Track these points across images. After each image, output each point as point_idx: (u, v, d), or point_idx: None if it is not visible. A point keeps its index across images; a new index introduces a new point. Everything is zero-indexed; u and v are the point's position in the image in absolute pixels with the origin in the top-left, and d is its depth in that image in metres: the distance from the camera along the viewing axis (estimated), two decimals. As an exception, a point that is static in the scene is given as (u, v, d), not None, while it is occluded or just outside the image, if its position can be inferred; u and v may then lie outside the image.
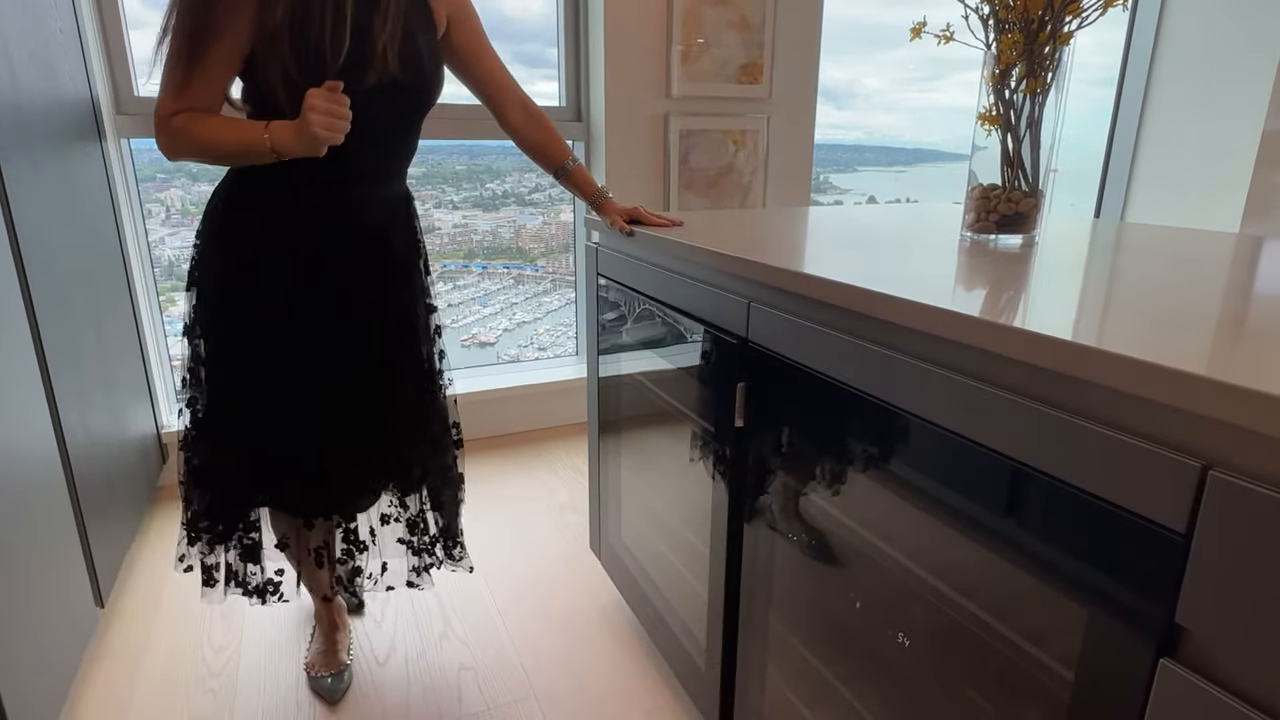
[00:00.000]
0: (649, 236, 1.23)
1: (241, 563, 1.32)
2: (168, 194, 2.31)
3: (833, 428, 0.85)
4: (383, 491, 1.37)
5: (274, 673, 1.45)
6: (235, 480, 1.25)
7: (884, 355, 0.75)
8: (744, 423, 1.01)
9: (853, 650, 0.90)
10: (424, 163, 2.48)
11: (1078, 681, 0.58)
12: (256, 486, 1.26)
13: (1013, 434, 0.61)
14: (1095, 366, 0.53)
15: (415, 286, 1.31)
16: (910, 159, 4.06)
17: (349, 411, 1.24)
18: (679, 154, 2.46)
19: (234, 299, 1.17)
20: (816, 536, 0.94)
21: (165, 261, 2.33)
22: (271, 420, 1.21)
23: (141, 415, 1.95)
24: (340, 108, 1.03)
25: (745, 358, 0.99)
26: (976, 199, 1.10)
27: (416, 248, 1.32)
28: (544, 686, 1.41)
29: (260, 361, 1.19)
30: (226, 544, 1.29)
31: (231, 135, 1.06)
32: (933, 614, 0.76)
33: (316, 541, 1.34)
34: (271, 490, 1.27)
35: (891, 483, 0.78)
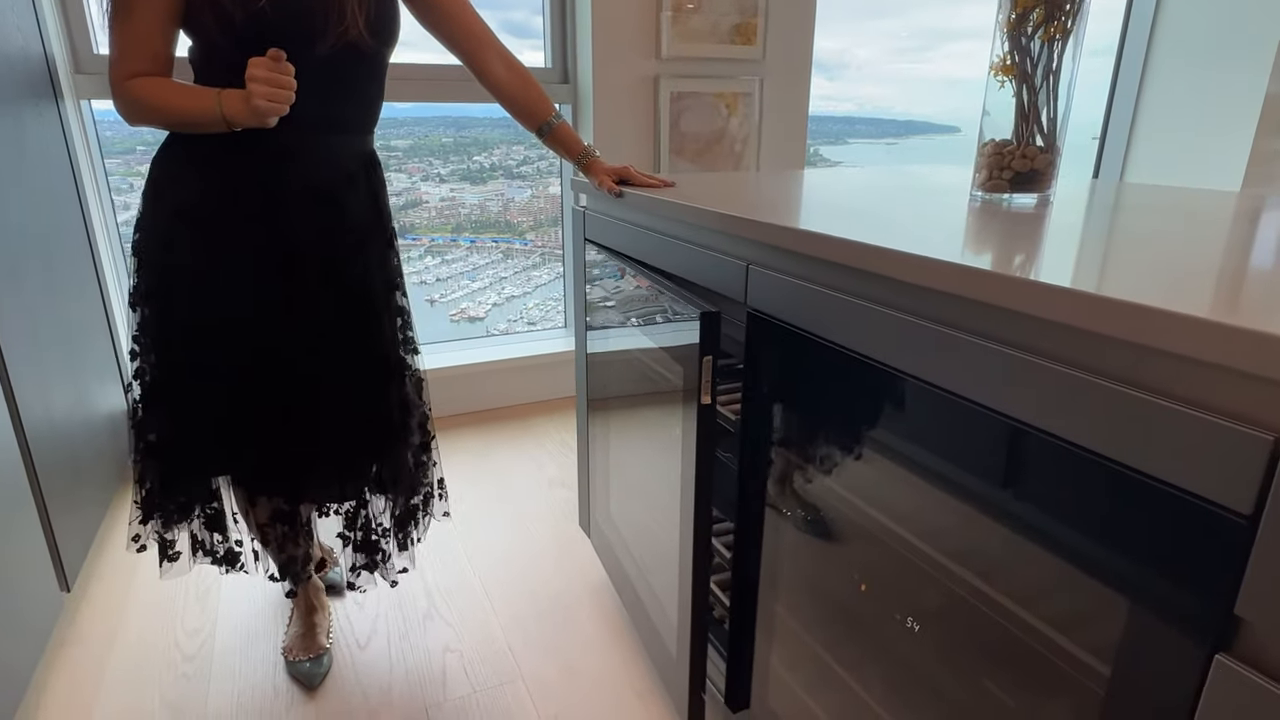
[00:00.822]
0: (640, 198, 1.15)
1: (206, 531, 1.26)
2: (147, 167, 2.19)
3: (840, 397, 0.79)
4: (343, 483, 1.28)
5: (250, 657, 1.39)
6: (187, 451, 1.18)
7: (903, 321, 0.68)
8: (710, 399, 0.94)
9: (855, 636, 0.85)
10: (410, 135, 2.40)
11: (1115, 676, 0.53)
12: (208, 456, 1.20)
13: (1053, 406, 0.55)
14: (1159, 330, 0.47)
15: (371, 260, 1.21)
16: (901, 131, 4.01)
17: (286, 384, 1.16)
18: (670, 118, 2.38)
19: (171, 255, 1.10)
20: (813, 512, 0.88)
21: None
22: (212, 387, 1.14)
23: (110, 393, 1.87)
24: (284, 78, 1.00)
25: (712, 329, 0.92)
26: (989, 156, 1.03)
27: (378, 217, 1.23)
28: (532, 669, 1.37)
29: (198, 322, 1.12)
30: (189, 518, 1.23)
31: (186, 103, 1.03)
32: (947, 599, 0.71)
33: (262, 518, 1.27)
34: (220, 461, 1.21)
35: (907, 458, 0.72)
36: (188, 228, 1.09)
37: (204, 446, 1.18)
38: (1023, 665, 0.62)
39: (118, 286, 2.04)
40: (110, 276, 1.98)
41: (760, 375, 0.92)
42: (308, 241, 1.14)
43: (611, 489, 1.47)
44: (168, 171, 1.10)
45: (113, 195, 2.04)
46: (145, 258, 1.12)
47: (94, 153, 1.96)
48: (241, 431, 1.17)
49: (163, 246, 1.10)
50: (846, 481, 0.82)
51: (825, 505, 0.86)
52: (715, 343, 0.93)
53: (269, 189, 1.10)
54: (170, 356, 1.14)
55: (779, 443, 0.91)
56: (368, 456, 1.27)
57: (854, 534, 0.82)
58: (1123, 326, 0.49)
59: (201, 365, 1.13)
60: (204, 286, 1.11)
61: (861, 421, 0.77)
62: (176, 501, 1.22)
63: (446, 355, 2.48)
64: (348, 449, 1.24)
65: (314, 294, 1.15)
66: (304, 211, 1.13)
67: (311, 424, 1.19)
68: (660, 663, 1.37)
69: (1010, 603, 0.63)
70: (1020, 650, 0.62)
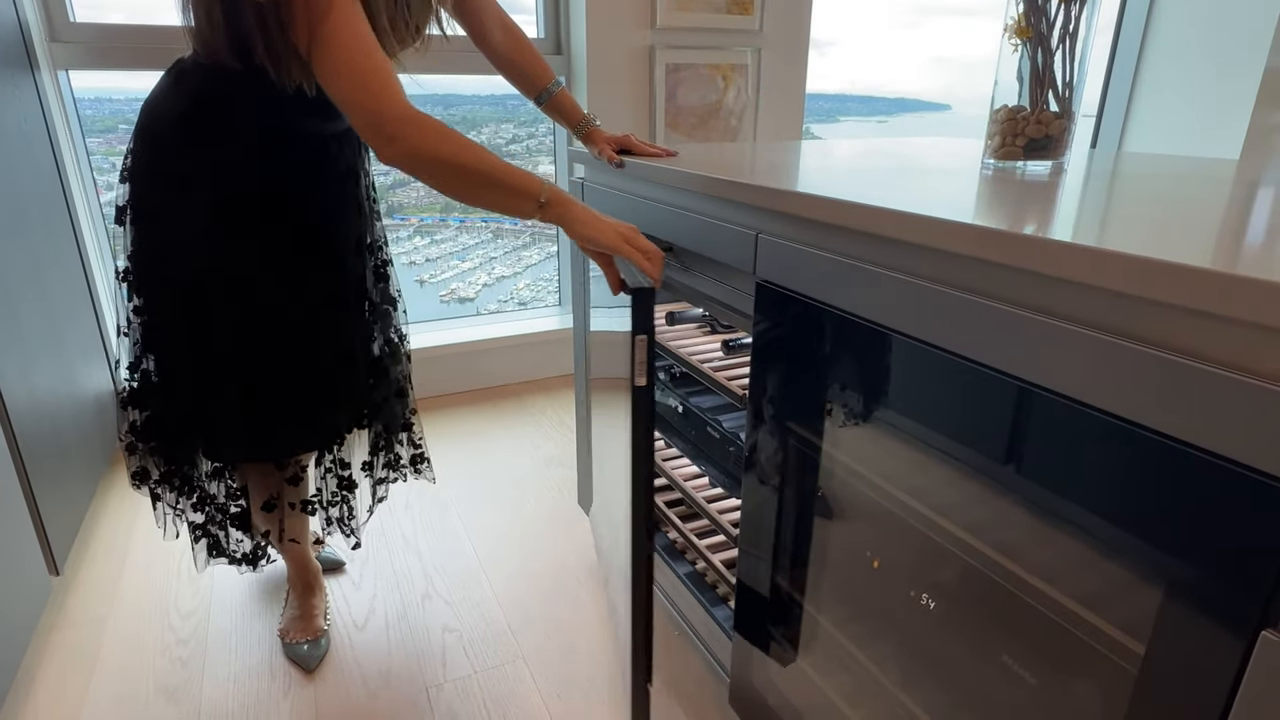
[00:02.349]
0: (643, 167, 1.12)
1: (227, 529, 1.27)
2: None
3: (855, 368, 0.77)
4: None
5: (246, 639, 1.37)
6: (177, 423, 1.16)
7: (925, 289, 0.66)
8: (645, 381, 0.88)
9: (868, 614, 0.83)
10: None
11: (1150, 655, 0.51)
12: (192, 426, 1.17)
13: (1089, 374, 0.52)
14: (1236, 297, 0.44)
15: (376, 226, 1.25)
16: (892, 109, 4.00)
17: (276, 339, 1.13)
18: (665, 90, 2.33)
19: (220, 244, 1.04)
20: (827, 487, 0.86)
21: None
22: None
23: (96, 371, 1.83)
24: (655, 259, 0.91)
25: (645, 306, 0.84)
26: (1002, 122, 1.00)
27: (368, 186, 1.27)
28: (533, 648, 1.35)
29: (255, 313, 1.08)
30: (191, 496, 1.22)
31: (505, 169, 0.88)
32: (968, 576, 0.69)
33: (261, 489, 1.25)
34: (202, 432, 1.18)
35: (928, 431, 0.70)
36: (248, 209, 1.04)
37: (190, 417, 1.15)
38: (1052, 644, 0.61)
39: (101, 264, 1.98)
40: (93, 254, 1.93)
41: (770, 348, 0.89)
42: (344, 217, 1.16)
43: (609, 466, 1.45)
44: (211, 158, 1.02)
45: (94, 173, 1.98)
46: (161, 236, 1.05)
47: (73, 126, 1.90)
48: (227, 401, 1.13)
49: (205, 224, 1.03)
50: (862, 456, 0.80)
51: (839, 481, 0.84)
52: (648, 321, 0.85)
53: (327, 171, 1.11)
54: (196, 346, 1.09)
55: (790, 417, 0.89)
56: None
57: (870, 509, 0.80)
58: (1197, 296, 0.46)
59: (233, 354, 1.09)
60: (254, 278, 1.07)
61: (879, 393, 0.75)
62: (173, 481, 1.20)
63: (439, 334, 2.44)
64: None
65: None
66: (340, 188, 1.15)
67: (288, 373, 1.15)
68: (666, 642, 1.36)
69: (1038, 580, 0.61)
70: (1050, 628, 0.60)
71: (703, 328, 1.33)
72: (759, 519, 0.99)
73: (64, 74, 1.87)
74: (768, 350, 0.90)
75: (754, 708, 1.07)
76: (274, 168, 1.04)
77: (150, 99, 1.05)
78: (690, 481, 1.25)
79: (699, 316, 1.35)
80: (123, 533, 1.67)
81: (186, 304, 1.06)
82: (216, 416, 1.13)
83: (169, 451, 1.17)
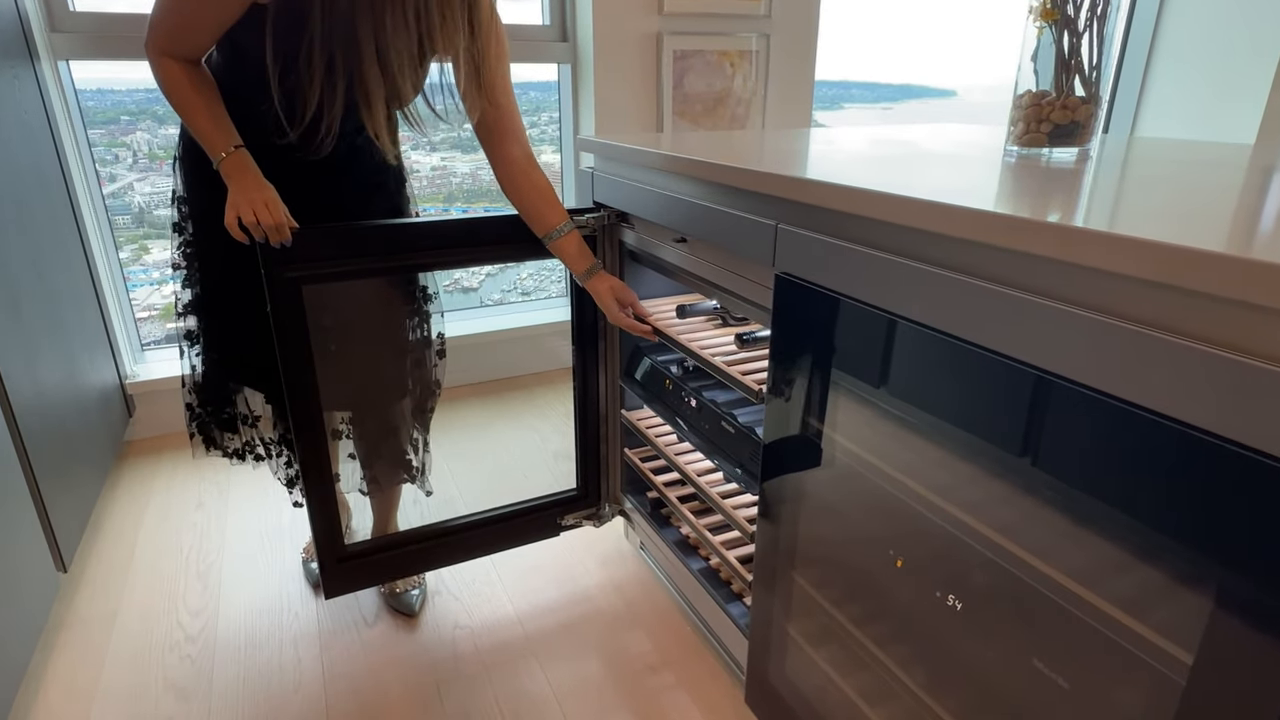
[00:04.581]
0: (659, 155, 1.09)
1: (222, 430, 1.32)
2: (134, 137, 2.11)
3: (880, 365, 0.75)
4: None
5: (255, 636, 1.36)
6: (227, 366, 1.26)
7: (958, 283, 0.63)
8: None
9: (889, 615, 0.81)
10: (399, 101, 2.32)
11: (1199, 663, 0.49)
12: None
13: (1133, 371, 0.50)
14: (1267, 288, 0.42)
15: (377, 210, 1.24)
16: (897, 95, 3.96)
17: None
18: (672, 78, 2.29)
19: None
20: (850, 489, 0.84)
21: (136, 208, 2.15)
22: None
23: (101, 365, 1.81)
24: (279, 227, 1.03)
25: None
26: (1026, 108, 0.97)
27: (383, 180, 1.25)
28: (543, 644, 1.34)
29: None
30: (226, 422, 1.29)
31: (202, 125, 1.04)
32: (999, 578, 0.67)
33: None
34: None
35: (957, 430, 0.68)
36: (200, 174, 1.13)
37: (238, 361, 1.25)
38: (1091, 651, 0.59)
39: (104, 255, 1.96)
40: (96, 245, 1.91)
41: (789, 343, 0.87)
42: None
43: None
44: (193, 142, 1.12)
45: (96, 166, 1.95)
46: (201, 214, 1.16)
47: (74, 116, 1.87)
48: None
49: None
50: (885, 451, 0.77)
51: (862, 477, 0.82)
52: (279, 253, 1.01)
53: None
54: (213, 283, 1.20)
55: (810, 414, 0.87)
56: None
57: (892, 506, 0.78)
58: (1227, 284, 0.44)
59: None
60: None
61: (906, 390, 0.72)
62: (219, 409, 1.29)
63: (446, 325, 2.42)
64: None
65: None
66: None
67: None
68: (678, 638, 1.34)
69: (1076, 583, 0.59)
70: (1087, 635, 0.58)
71: (713, 320, 1.31)
72: (777, 516, 0.97)
73: (64, 64, 1.84)
74: (787, 344, 0.87)
75: (772, 707, 1.06)
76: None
77: None
78: (704, 477, 1.24)
79: (710, 309, 1.32)
80: (130, 528, 1.66)
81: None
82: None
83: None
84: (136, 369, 2.06)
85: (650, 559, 1.53)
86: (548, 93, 2.50)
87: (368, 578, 1.35)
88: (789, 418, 0.90)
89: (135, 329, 2.10)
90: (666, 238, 1.15)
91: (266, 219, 1.02)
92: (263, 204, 1.02)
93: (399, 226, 1.17)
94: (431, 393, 1.39)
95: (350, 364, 1.28)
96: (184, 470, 1.90)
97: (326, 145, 1.05)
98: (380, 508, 1.46)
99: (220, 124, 1.04)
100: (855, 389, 0.79)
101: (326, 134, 1.03)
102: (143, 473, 1.89)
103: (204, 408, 1.28)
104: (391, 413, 1.34)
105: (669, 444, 1.35)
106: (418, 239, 1.18)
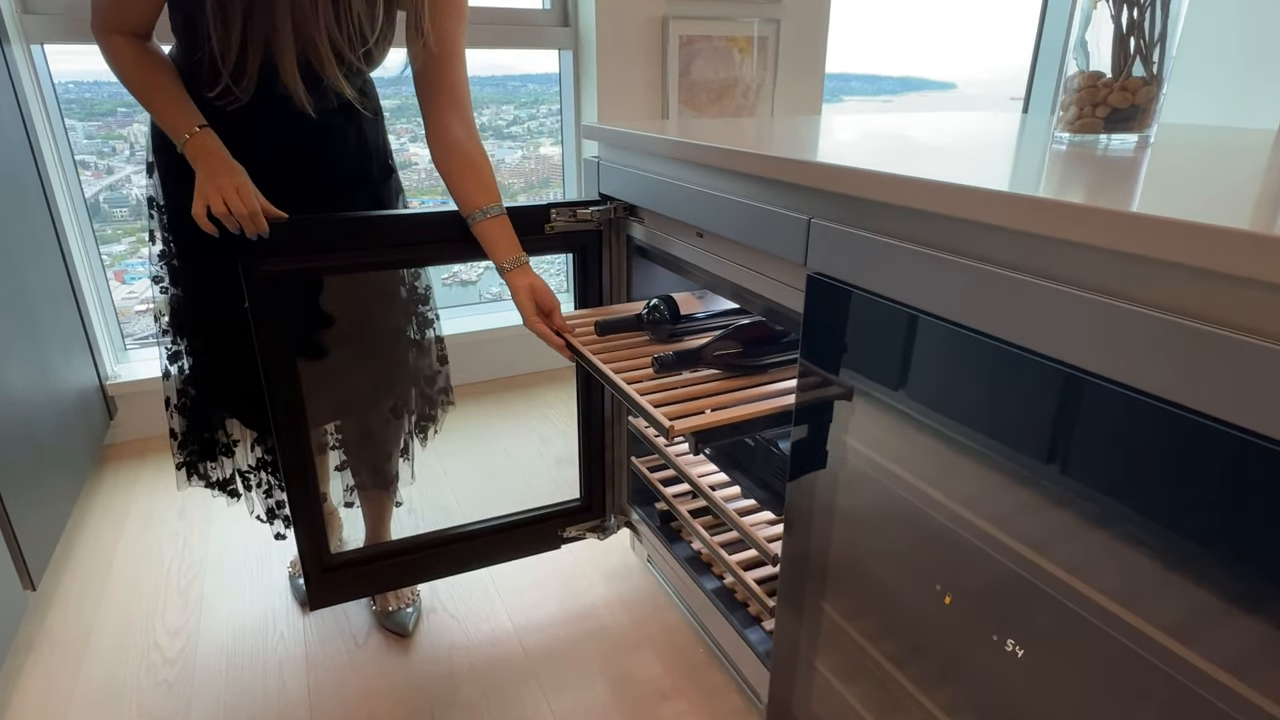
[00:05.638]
0: (674, 143, 1.00)
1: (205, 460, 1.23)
2: (131, 129, 2.02)
3: (929, 376, 0.66)
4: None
5: (238, 659, 1.27)
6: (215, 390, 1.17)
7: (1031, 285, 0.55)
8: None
9: (933, 654, 0.73)
10: (398, 95, 2.22)
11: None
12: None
13: (1229, 386, 0.41)
14: None
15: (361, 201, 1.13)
16: (897, 88, 3.93)
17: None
18: (679, 64, 2.20)
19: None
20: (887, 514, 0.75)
21: (134, 200, 2.06)
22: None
23: (79, 367, 1.72)
24: (252, 216, 0.94)
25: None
26: (1080, 90, 0.88)
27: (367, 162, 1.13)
28: (545, 665, 1.25)
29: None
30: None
31: (159, 104, 0.96)
32: (1063, 618, 0.58)
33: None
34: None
35: (1024, 455, 0.59)
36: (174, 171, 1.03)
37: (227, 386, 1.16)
38: (1166, 706, 0.50)
39: (84, 253, 1.87)
40: (74, 242, 1.82)
41: (822, 351, 0.78)
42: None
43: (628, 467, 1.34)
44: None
45: (75, 155, 1.85)
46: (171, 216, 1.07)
47: (49, 103, 1.78)
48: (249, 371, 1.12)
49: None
50: (931, 474, 0.69)
51: (905, 502, 0.73)
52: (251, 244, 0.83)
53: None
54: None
55: (845, 431, 0.78)
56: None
57: (938, 534, 0.69)
58: None
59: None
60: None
61: (957, 410, 0.64)
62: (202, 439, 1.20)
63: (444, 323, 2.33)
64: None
65: None
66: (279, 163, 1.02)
67: None
68: (689, 661, 1.26)
69: (1142, 622, 0.50)
70: (1163, 688, 0.50)
71: (641, 336, 1.18)
72: (805, 539, 0.88)
73: (39, 49, 1.75)
74: (819, 353, 0.78)
75: (794, 743, 0.98)
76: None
77: None
78: (719, 491, 1.15)
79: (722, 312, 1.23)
80: (108, 538, 1.58)
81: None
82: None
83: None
84: (118, 369, 1.96)
85: (659, 574, 1.44)
86: (547, 85, 2.41)
87: (356, 589, 1.26)
88: (821, 434, 0.81)
89: (118, 327, 2.00)
90: (679, 233, 1.06)
91: (239, 207, 0.92)
92: (233, 190, 0.92)
93: (389, 218, 1.07)
94: (435, 402, 1.30)
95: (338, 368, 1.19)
96: (168, 475, 1.81)
97: (250, 86, 0.95)
98: (373, 515, 1.37)
99: (181, 104, 0.95)
100: (899, 406, 0.70)
101: (249, 67, 0.94)
102: (124, 478, 1.80)
103: (189, 434, 1.19)
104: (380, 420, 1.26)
105: (680, 453, 1.26)
106: (409, 231, 1.08)
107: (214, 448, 1.20)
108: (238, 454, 1.22)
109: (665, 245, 1.11)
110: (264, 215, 0.95)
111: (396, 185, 1.18)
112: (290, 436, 1.10)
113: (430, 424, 1.32)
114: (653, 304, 1.15)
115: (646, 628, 1.33)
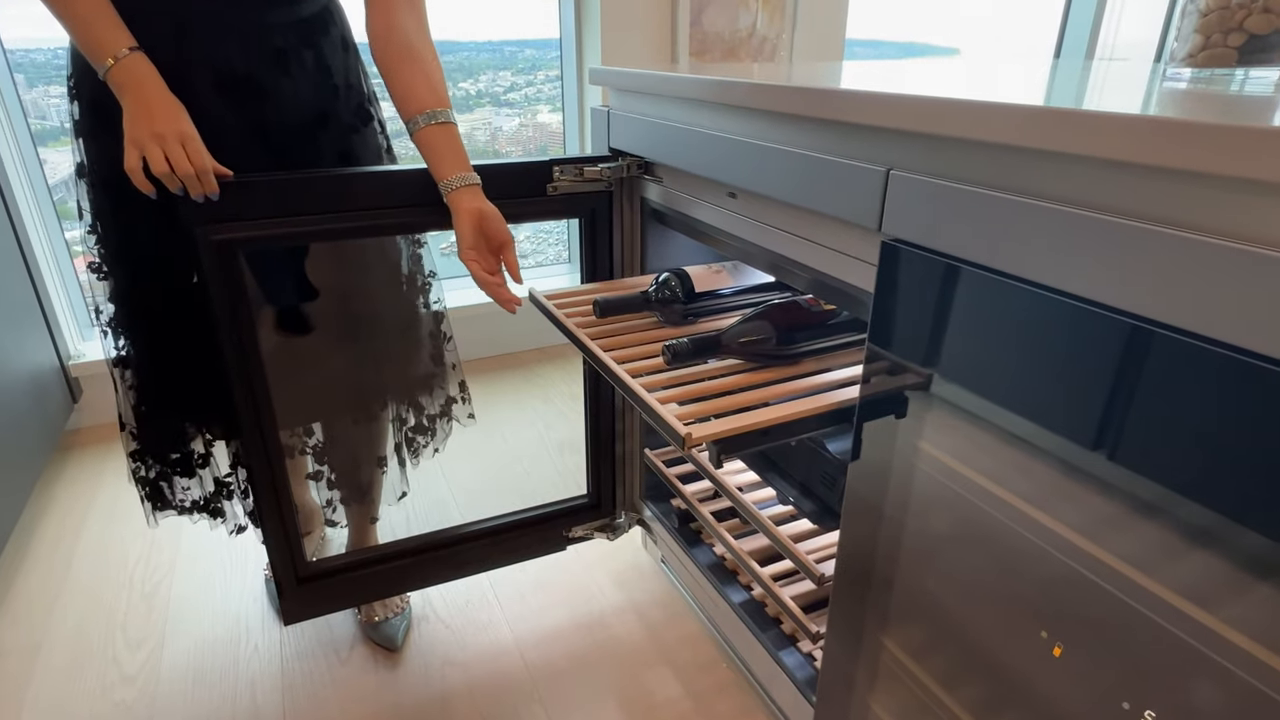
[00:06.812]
0: (706, 83, 0.83)
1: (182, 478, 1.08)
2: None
3: (1048, 369, 0.50)
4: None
5: (206, 675, 1.13)
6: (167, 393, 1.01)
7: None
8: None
9: (1039, 712, 0.59)
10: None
11: None
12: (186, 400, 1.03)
13: None
14: None
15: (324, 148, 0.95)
16: (900, 53, 3.84)
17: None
18: (689, 13, 2.01)
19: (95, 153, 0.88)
20: (971, 535, 0.60)
21: None
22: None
23: (35, 346, 1.57)
24: (205, 172, 0.78)
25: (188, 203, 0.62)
26: (1208, 12, 0.72)
27: (333, 95, 0.95)
28: (550, 683, 1.11)
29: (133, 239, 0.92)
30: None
31: (80, 16, 0.77)
32: (1197, 670, 0.44)
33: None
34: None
35: (1174, 474, 0.44)
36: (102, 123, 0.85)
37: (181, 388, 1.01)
38: None
39: (37, 223, 1.70)
40: (26, 211, 1.65)
41: (899, 339, 0.63)
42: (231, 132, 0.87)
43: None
44: (80, 61, 0.85)
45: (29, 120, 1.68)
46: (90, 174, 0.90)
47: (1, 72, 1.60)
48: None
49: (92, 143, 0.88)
50: (1048, 504, 0.54)
51: (1001, 525, 0.58)
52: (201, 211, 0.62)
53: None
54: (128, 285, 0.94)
55: (922, 438, 0.63)
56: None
57: (1056, 575, 0.55)
58: None
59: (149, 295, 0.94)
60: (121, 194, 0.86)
61: (1078, 418, 0.48)
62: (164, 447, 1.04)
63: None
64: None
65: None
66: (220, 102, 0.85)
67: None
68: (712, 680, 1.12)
69: None
70: None
71: (649, 318, 1.03)
72: (866, 562, 0.73)
73: (-19, -6, 1.56)
74: (895, 341, 0.63)
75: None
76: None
77: None
78: (749, 493, 1.00)
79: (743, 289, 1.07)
80: (68, 535, 1.43)
81: None
82: None
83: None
84: (82, 348, 1.81)
85: (675, 578, 1.30)
86: (545, 50, 2.24)
87: (337, 600, 1.12)
88: (890, 438, 0.66)
89: (84, 304, 1.84)
90: (706, 193, 0.90)
91: (184, 165, 0.76)
92: (176, 141, 0.75)
93: (364, 176, 0.91)
94: (437, 413, 1.16)
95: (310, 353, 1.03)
96: (136, 464, 1.67)
97: None
98: (352, 527, 1.23)
99: (106, 16, 0.77)
100: (1002, 412, 0.55)
101: None
102: (88, 467, 1.65)
103: (147, 455, 1.02)
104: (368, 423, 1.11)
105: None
106: (388, 191, 0.92)
107: (189, 462, 1.05)
108: (213, 460, 1.07)
109: (687, 208, 0.95)
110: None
111: (376, 139, 1.01)
112: (255, 436, 0.94)
113: (424, 437, 1.17)
114: (662, 279, 0.99)
115: (663, 639, 1.19)
